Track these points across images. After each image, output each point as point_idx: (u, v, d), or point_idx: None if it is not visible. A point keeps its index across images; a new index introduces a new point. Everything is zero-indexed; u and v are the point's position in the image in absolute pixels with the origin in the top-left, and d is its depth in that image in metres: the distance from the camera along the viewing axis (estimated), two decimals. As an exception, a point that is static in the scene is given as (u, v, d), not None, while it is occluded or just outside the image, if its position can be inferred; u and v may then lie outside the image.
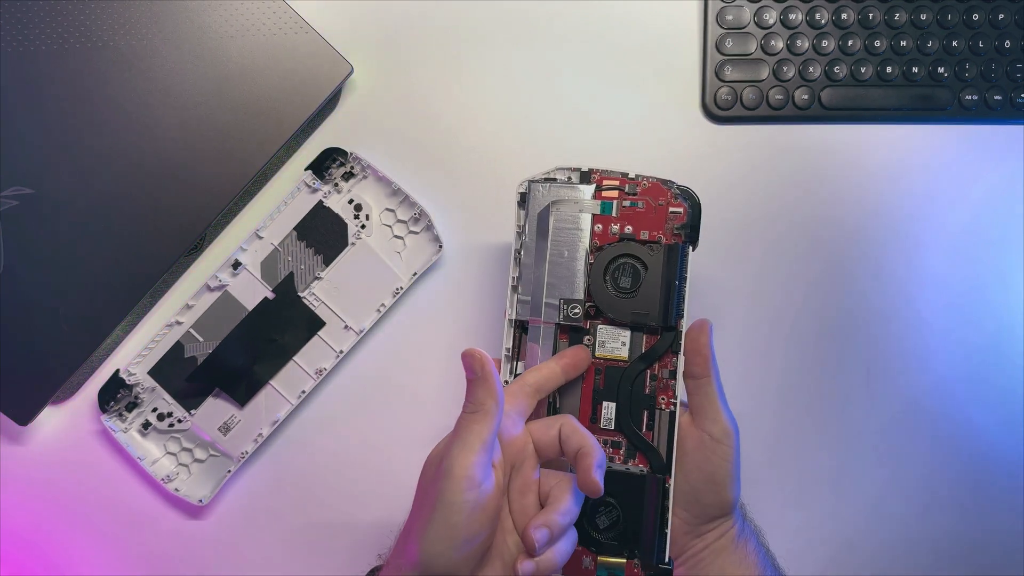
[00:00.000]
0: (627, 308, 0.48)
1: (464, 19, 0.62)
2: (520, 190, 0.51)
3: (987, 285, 0.62)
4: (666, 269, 0.49)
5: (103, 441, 0.61)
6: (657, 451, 0.48)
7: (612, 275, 0.49)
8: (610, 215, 0.49)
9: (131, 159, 0.57)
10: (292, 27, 0.58)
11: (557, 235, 0.50)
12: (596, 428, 0.49)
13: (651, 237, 0.49)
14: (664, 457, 0.48)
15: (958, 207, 0.63)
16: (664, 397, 0.49)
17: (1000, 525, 0.62)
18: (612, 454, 0.48)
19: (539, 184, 0.50)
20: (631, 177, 0.50)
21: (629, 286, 0.49)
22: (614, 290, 0.49)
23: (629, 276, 0.49)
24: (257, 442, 0.59)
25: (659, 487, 0.48)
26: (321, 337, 0.60)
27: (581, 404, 0.49)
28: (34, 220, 0.57)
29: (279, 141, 0.58)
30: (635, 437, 0.48)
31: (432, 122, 0.62)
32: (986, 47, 0.62)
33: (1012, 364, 0.62)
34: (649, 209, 0.50)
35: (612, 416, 0.49)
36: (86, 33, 0.57)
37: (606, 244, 0.49)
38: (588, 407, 0.49)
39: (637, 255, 0.49)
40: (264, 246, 0.60)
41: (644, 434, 0.48)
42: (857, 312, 0.62)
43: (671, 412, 0.48)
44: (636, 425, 0.48)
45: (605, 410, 0.49)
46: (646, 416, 0.49)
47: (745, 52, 0.62)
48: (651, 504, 0.48)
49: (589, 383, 0.49)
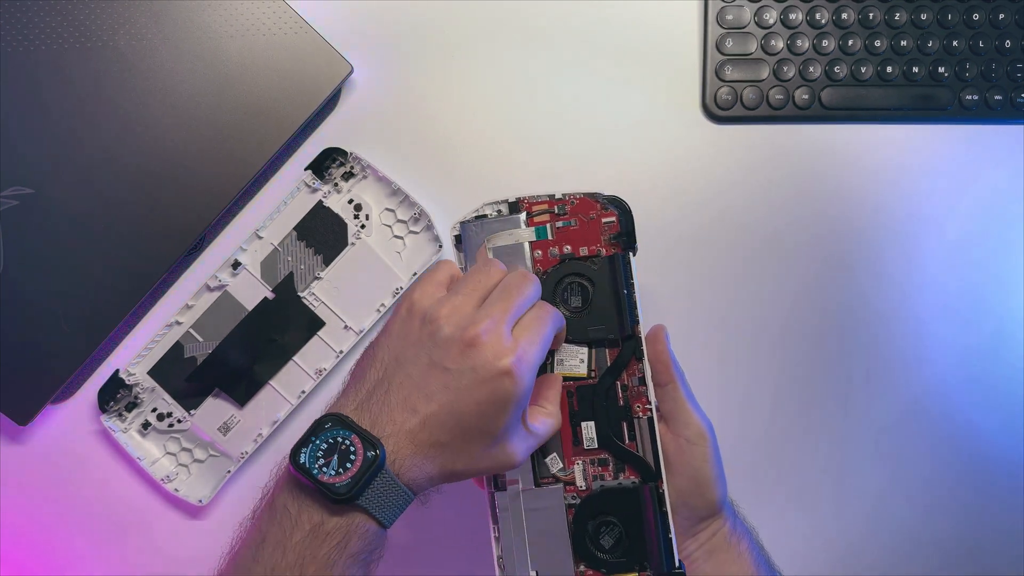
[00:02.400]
0: (583, 326, 0.48)
1: (464, 19, 0.62)
2: (453, 232, 0.50)
3: (987, 285, 0.62)
4: (612, 280, 0.48)
5: (103, 441, 0.61)
6: (644, 460, 0.48)
7: (562, 296, 0.49)
8: (546, 239, 0.49)
9: (131, 159, 0.57)
10: (292, 27, 0.58)
11: None
12: (580, 450, 0.48)
13: (590, 252, 0.49)
14: (652, 464, 0.48)
15: (958, 207, 0.63)
16: (639, 405, 0.48)
17: (1000, 526, 0.62)
18: (601, 472, 0.48)
19: (470, 224, 0.50)
20: (558, 198, 0.49)
21: (580, 304, 0.49)
22: (567, 311, 0.48)
23: (578, 294, 0.49)
24: (257, 442, 0.59)
25: (654, 495, 0.48)
26: (321, 337, 0.60)
27: (560, 430, 0.48)
28: (34, 220, 0.57)
29: (279, 141, 0.58)
30: (620, 451, 0.48)
31: (432, 122, 0.62)
32: (986, 47, 0.62)
33: (1012, 365, 0.62)
34: (583, 225, 0.49)
35: (593, 435, 0.48)
36: (86, 33, 0.57)
37: (549, 268, 0.49)
38: (568, 431, 0.48)
39: (581, 272, 0.49)
40: (264, 246, 0.60)
41: (628, 445, 0.48)
42: (857, 312, 0.62)
43: (649, 419, 0.48)
44: (618, 438, 0.48)
45: (585, 430, 0.48)
46: (626, 427, 0.48)
47: (745, 52, 0.62)
48: (650, 513, 0.47)
49: (564, 407, 0.48)
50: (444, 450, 0.41)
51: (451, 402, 0.41)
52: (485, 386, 0.40)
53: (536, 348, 0.42)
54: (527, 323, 0.43)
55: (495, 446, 0.42)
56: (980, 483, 0.62)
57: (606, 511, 0.48)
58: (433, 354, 0.41)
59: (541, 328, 0.43)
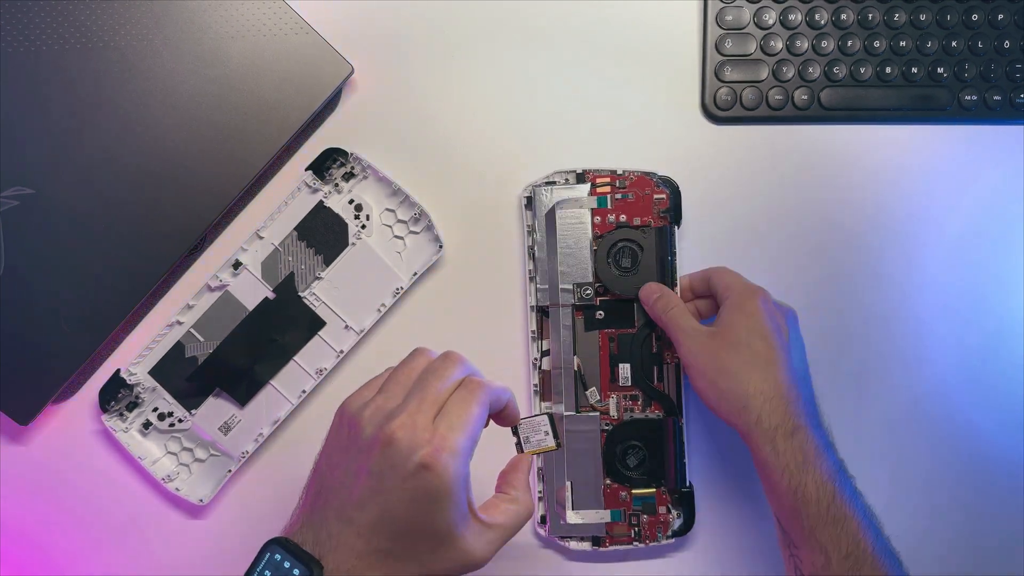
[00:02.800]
0: (630, 284, 0.58)
1: (464, 19, 0.62)
2: (526, 194, 0.60)
3: (987, 285, 0.62)
4: (659, 247, 0.58)
5: (103, 441, 0.61)
6: (668, 397, 0.58)
7: (614, 258, 0.58)
8: (606, 207, 0.59)
9: (132, 159, 0.57)
10: (292, 27, 0.58)
11: (564, 230, 0.58)
12: (616, 387, 0.58)
13: (642, 222, 0.59)
14: (675, 401, 0.58)
15: (957, 207, 0.63)
16: (669, 354, 0.58)
17: (1000, 526, 0.62)
18: (631, 405, 0.59)
19: (542, 188, 0.59)
20: (619, 173, 0.59)
21: (630, 265, 0.58)
22: (617, 270, 0.58)
23: (629, 257, 0.58)
24: (258, 442, 0.60)
25: (675, 426, 0.58)
26: (321, 337, 0.60)
27: (600, 368, 0.58)
28: (35, 220, 0.57)
29: (279, 141, 0.58)
30: (649, 389, 0.58)
31: (432, 122, 0.62)
32: (985, 47, 0.62)
33: (1012, 365, 0.62)
34: (638, 199, 0.59)
35: (628, 375, 0.58)
36: (86, 33, 0.57)
37: (605, 232, 0.58)
38: (607, 370, 0.58)
39: (633, 239, 0.58)
40: (265, 246, 0.60)
41: (656, 386, 0.58)
42: (857, 312, 0.62)
43: (676, 365, 0.58)
44: (648, 379, 0.58)
45: (622, 370, 0.58)
46: (656, 371, 0.59)
47: (745, 52, 0.62)
48: (670, 441, 0.58)
49: (605, 350, 0.58)
50: (389, 557, 0.39)
51: (382, 506, 0.38)
52: (407, 484, 0.38)
53: (459, 433, 0.39)
54: (448, 407, 0.40)
55: (446, 546, 0.39)
56: (980, 483, 0.62)
57: (633, 437, 0.58)
58: (358, 459, 0.39)
59: (464, 409, 0.40)
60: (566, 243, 0.58)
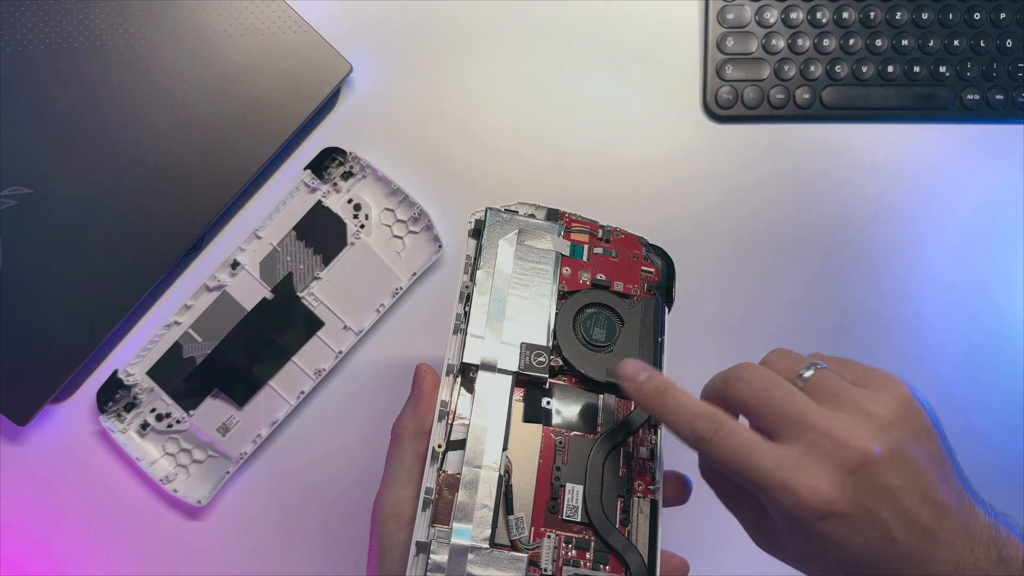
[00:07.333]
0: (602, 363, 0.41)
1: (464, 19, 0.62)
2: (476, 216, 0.44)
3: (988, 285, 0.62)
4: (644, 326, 0.42)
5: (101, 442, 0.60)
6: (638, 553, 0.37)
7: (583, 325, 0.42)
8: (580, 259, 0.43)
9: (130, 159, 0.57)
10: (292, 27, 0.58)
11: (520, 268, 0.42)
12: (556, 521, 0.38)
13: (626, 290, 0.43)
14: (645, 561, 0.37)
15: (959, 206, 0.62)
16: (641, 482, 0.39)
17: (1002, 526, 0.62)
18: (576, 557, 0.37)
19: (499, 212, 0.44)
20: (602, 224, 0.44)
21: (603, 339, 0.42)
22: (585, 343, 0.42)
23: (604, 329, 0.42)
24: (256, 443, 0.59)
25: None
26: (320, 337, 0.60)
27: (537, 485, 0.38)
28: (33, 220, 0.56)
29: (278, 141, 0.58)
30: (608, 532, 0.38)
31: (432, 122, 0.62)
32: (988, 46, 0.62)
33: (1013, 364, 0.62)
34: (623, 260, 0.44)
35: (578, 504, 0.38)
36: (86, 33, 0.57)
37: (576, 290, 0.43)
38: (545, 490, 0.38)
39: (613, 307, 0.42)
40: (263, 246, 0.60)
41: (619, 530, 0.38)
42: (858, 311, 0.62)
43: (652, 501, 0.39)
44: (609, 516, 0.38)
45: (569, 495, 0.38)
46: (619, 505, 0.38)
47: (746, 51, 0.62)
48: None
49: (548, 458, 0.39)
50: None
51: None
52: None
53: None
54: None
55: None
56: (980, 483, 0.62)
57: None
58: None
59: None
60: (520, 286, 0.42)
